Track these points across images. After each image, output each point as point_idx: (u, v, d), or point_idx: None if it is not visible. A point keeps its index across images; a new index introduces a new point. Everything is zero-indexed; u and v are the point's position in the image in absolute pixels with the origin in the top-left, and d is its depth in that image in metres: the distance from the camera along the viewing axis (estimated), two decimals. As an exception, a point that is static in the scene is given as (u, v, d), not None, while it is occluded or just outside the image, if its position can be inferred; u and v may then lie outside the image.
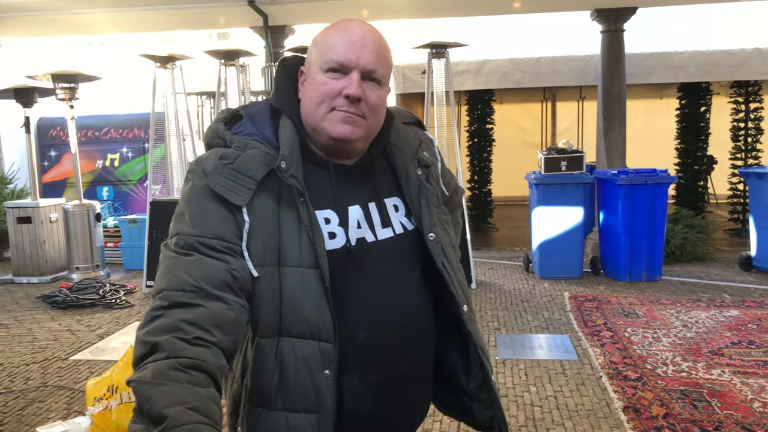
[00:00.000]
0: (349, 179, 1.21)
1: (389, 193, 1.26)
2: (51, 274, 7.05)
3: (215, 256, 1.08)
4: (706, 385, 3.64)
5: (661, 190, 6.01)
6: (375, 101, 1.16)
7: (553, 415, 3.38)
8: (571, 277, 6.30)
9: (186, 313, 1.03)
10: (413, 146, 1.31)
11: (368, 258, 1.19)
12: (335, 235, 1.16)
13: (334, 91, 1.14)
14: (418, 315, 1.23)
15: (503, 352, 4.33)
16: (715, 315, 4.94)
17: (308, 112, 1.17)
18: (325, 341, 1.11)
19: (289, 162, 1.14)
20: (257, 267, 1.11)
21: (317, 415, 1.12)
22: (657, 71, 8.28)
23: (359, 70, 1.14)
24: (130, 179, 9.47)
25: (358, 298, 1.17)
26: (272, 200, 1.13)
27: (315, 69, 1.16)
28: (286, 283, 1.11)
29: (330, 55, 1.14)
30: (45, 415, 3.55)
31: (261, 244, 1.11)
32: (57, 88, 6.64)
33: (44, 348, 4.71)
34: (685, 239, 6.86)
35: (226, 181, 1.11)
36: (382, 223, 1.22)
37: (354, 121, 1.15)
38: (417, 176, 1.27)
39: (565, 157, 6.31)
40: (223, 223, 1.10)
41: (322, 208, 1.17)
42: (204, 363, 1.00)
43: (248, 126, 1.19)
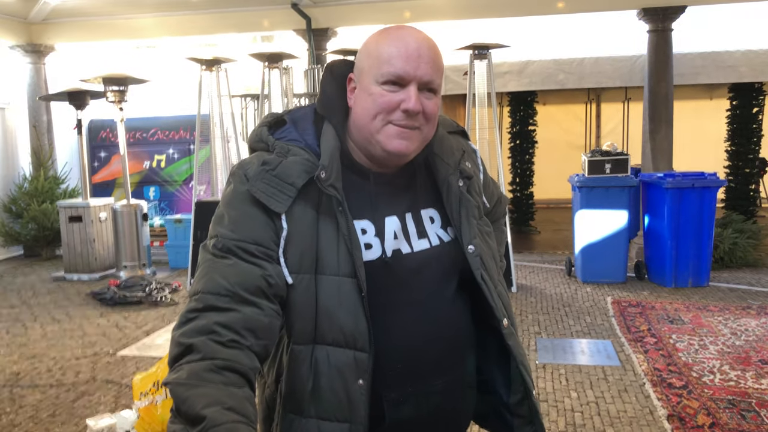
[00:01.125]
0: (388, 189, 1.20)
1: (427, 204, 1.24)
2: (100, 271, 7.28)
3: (252, 261, 1.09)
4: (755, 394, 3.52)
5: (710, 194, 5.84)
6: (431, 111, 1.15)
7: (594, 421, 3.32)
8: (614, 281, 6.18)
9: (220, 317, 1.05)
10: (456, 156, 1.29)
11: (404, 269, 1.18)
12: (371, 246, 1.16)
13: (391, 104, 1.12)
14: (455, 327, 1.22)
15: (543, 356, 4.28)
16: (765, 323, 4.77)
17: (362, 124, 1.15)
18: (360, 350, 1.11)
19: (328, 171, 1.13)
20: (293, 274, 1.11)
21: (349, 424, 1.12)
22: (707, 71, 8.05)
23: (416, 82, 1.12)
24: (176, 180, 9.69)
25: (394, 310, 1.16)
26: (311, 208, 1.13)
27: (369, 80, 1.14)
28: (323, 292, 1.11)
29: (386, 68, 1.12)
30: (94, 407, 3.67)
31: (298, 251, 1.11)
32: (107, 90, 6.85)
33: (93, 343, 4.87)
34: (735, 244, 6.65)
35: (267, 187, 1.11)
36: (419, 234, 1.21)
37: (410, 135, 1.14)
38: (458, 188, 1.25)
39: (609, 160, 6.20)
40: (262, 229, 1.11)
41: (360, 218, 1.16)
42: (238, 365, 1.02)
43: (291, 131, 1.19)
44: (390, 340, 1.14)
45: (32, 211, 8.16)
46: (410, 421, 1.18)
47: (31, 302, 6.22)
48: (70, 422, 3.49)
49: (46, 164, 8.79)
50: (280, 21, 8.25)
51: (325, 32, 8.09)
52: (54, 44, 8.84)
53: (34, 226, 8.29)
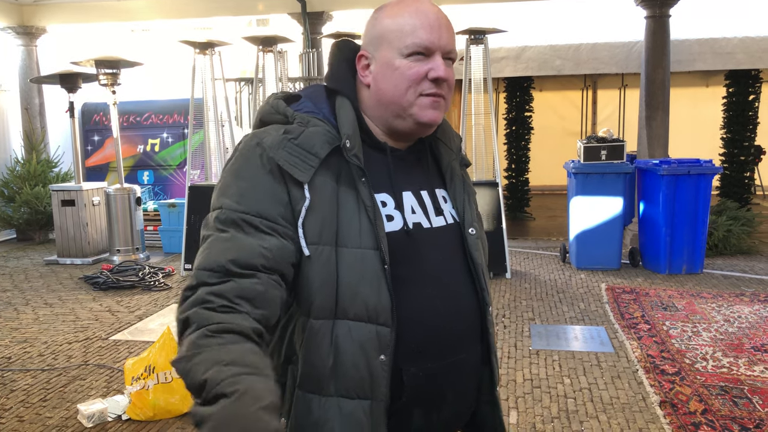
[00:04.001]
0: (403, 164, 1.22)
1: (439, 185, 1.27)
2: (93, 255, 7.25)
3: (252, 234, 1.06)
4: (747, 381, 3.53)
5: (705, 181, 5.83)
6: (451, 78, 1.18)
7: (587, 407, 3.33)
8: (608, 268, 6.18)
9: (212, 288, 1.02)
10: (457, 143, 1.33)
11: (424, 243, 1.18)
12: (392, 218, 1.16)
13: (420, 74, 1.14)
14: (471, 304, 1.22)
15: (537, 342, 4.28)
16: (759, 310, 4.79)
17: (390, 99, 1.16)
18: (383, 325, 1.09)
19: (352, 141, 1.14)
20: (311, 245, 1.09)
21: (371, 401, 1.10)
22: (703, 58, 8.01)
23: (441, 51, 1.15)
24: (170, 164, 9.63)
25: (416, 283, 1.15)
26: (332, 179, 1.12)
27: (391, 54, 1.15)
28: (344, 264, 1.09)
29: (411, 39, 1.13)
30: (86, 392, 3.66)
31: (319, 222, 1.09)
32: (100, 73, 6.77)
33: (86, 327, 4.85)
34: (729, 232, 6.66)
35: (290, 156, 1.10)
36: (436, 211, 1.22)
37: (439, 104, 1.17)
38: (460, 173, 1.30)
39: (605, 146, 6.17)
40: (270, 201, 1.09)
41: (379, 192, 1.16)
42: (234, 325, 0.98)
43: (308, 104, 1.19)
44: (411, 313, 1.13)
45: (24, 195, 8.10)
46: (428, 397, 1.16)
47: (23, 286, 6.18)
48: (61, 407, 3.47)
49: (39, 147, 8.72)
50: (275, 4, 8.16)
51: (320, 16, 8.01)
52: (46, 26, 8.73)
53: (26, 210, 8.23)
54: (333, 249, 1.09)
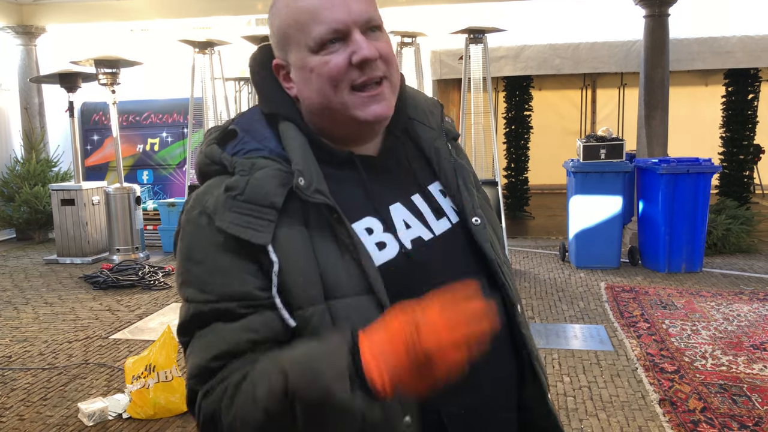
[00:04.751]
0: (378, 173, 1.01)
1: (431, 178, 1.06)
2: (93, 255, 7.25)
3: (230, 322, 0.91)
4: (746, 379, 3.54)
5: (704, 180, 5.84)
6: (386, 51, 0.97)
7: (586, 405, 3.34)
8: (608, 267, 6.19)
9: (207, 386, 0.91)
10: (436, 116, 1.10)
11: (430, 259, 1.00)
12: (384, 244, 0.97)
13: (340, 67, 0.93)
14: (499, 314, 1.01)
15: (537, 341, 4.29)
16: (758, 308, 4.80)
17: (322, 107, 0.97)
18: None
19: (308, 175, 0.93)
20: (298, 311, 0.91)
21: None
22: (702, 57, 8.01)
23: (357, 27, 0.93)
24: (170, 163, 9.63)
25: None
26: (299, 226, 0.92)
27: (301, 54, 0.95)
28: (340, 319, 0.91)
29: (315, 28, 0.93)
30: (86, 391, 3.66)
31: (299, 282, 0.91)
32: (99, 73, 6.78)
33: (86, 327, 4.86)
34: (728, 230, 6.66)
35: (239, 216, 0.90)
36: (435, 214, 1.03)
37: (381, 92, 0.96)
38: (448, 151, 1.07)
39: (604, 145, 6.18)
40: (237, 278, 0.91)
41: (359, 218, 0.97)
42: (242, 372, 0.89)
43: (248, 141, 0.97)
44: None
45: (24, 194, 8.10)
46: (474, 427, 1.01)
47: (23, 285, 6.19)
48: (61, 405, 3.48)
49: (38, 147, 8.72)
50: (274, 3, 8.16)
51: (319, 15, 8.00)
52: (45, 26, 8.73)
53: (26, 209, 8.23)
54: (324, 306, 0.91)
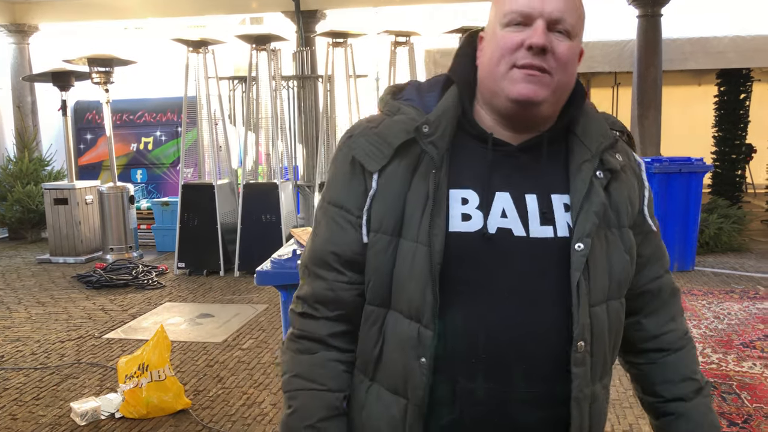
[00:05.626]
0: (509, 161, 1.06)
1: (560, 189, 1.06)
2: (86, 254, 7.24)
3: (332, 226, 1.10)
4: (736, 377, 3.57)
5: (696, 179, 5.87)
6: (563, 53, 1.00)
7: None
8: (600, 266, 6.21)
9: (299, 290, 1.14)
10: (600, 143, 1.08)
11: (510, 252, 1.02)
12: (470, 217, 1.03)
13: (514, 43, 1.00)
14: (549, 331, 1.01)
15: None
16: (748, 307, 4.83)
17: (485, 74, 1.05)
18: (425, 326, 1.01)
19: (433, 127, 1.04)
20: (372, 233, 1.05)
21: (407, 401, 1.04)
22: (695, 57, 8.05)
23: (544, 19, 0.99)
24: (163, 162, 9.62)
25: (483, 293, 1.01)
26: (407, 168, 1.04)
27: (494, 27, 1.04)
28: (400, 256, 1.03)
29: (509, 5, 1.01)
30: (78, 390, 3.66)
31: (382, 210, 1.04)
32: (93, 71, 6.76)
33: (79, 326, 4.85)
34: (720, 229, 6.71)
35: (367, 144, 1.06)
36: (542, 219, 1.03)
37: (538, 78, 0.99)
38: (590, 175, 1.05)
39: (597, 145, 6.20)
40: (348, 191, 1.08)
41: (464, 187, 1.04)
42: (309, 333, 1.11)
43: (411, 92, 1.12)
44: (471, 323, 1.01)
45: (17, 193, 8.08)
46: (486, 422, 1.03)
47: (15, 285, 6.17)
48: (54, 405, 3.48)
49: (31, 146, 8.69)
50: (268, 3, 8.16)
51: (314, 14, 8.01)
52: (38, 24, 8.70)
53: (18, 209, 8.21)
54: (393, 239, 1.04)
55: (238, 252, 6.33)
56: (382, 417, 1.07)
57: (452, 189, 1.04)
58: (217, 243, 6.39)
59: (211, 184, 6.50)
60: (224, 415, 3.34)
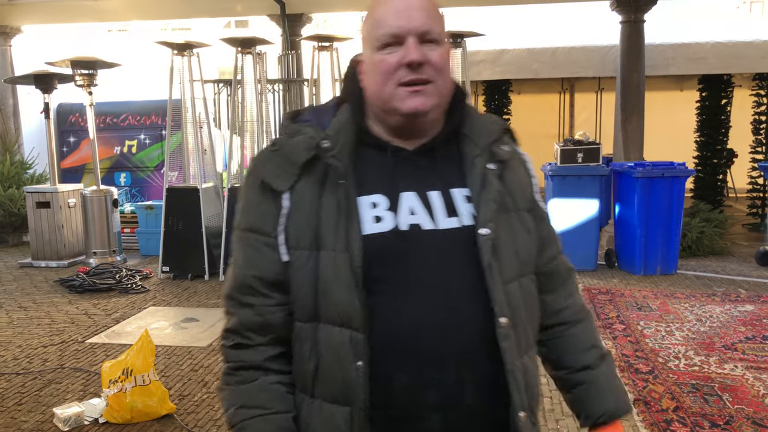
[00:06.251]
0: (408, 164, 1.14)
1: (459, 184, 1.15)
2: (69, 258, 7.16)
3: (249, 252, 1.14)
4: (717, 379, 3.62)
5: (679, 183, 5.94)
6: (437, 60, 1.09)
7: (563, 405, 3.38)
8: (585, 269, 6.26)
9: (227, 324, 1.18)
10: (488, 138, 1.18)
11: (422, 246, 1.09)
12: (381, 218, 1.10)
13: (393, 65, 1.08)
14: (471, 314, 1.08)
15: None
16: (729, 310, 4.89)
17: (375, 97, 1.12)
18: (356, 330, 1.05)
19: (333, 141, 1.11)
20: (291, 250, 1.11)
21: (350, 408, 1.07)
22: (677, 63, 8.16)
23: (414, 35, 1.08)
24: (148, 166, 9.56)
25: (403, 288, 1.08)
26: (316, 184, 1.11)
27: (370, 51, 1.11)
28: (321, 268, 1.08)
29: (380, 30, 1.09)
30: (61, 396, 3.62)
31: (297, 227, 1.10)
32: (76, 74, 6.70)
33: (61, 331, 4.80)
34: (702, 233, 6.79)
35: (273, 167, 1.13)
36: (447, 212, 1.12)
37: (422, 91, 1.09)
38: (483, 167, 1.15)
39: (581, 149, 6.26)
40: (263, 216, 1.13)
41: (372, 193, 1.12)
42: (245, 362, 1.14)
43: (308, 115, 1.20)
44: (392, 319, 1.07)
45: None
46: (422, 411, 1.07)
47: (-3, 290, 6.09)
48: (36, 410, 3.44)
49: (12, 149, 8.59)
50: (253, 6, 8.15)
51: (299, 18, 8.02)
52: (20, 26, 8.61)
53: (0, 212, 8.10)
54: (312, 253, 1.09)
55: (223, 256, 6.30)
56: (326, 429, 1.11)
57: (361, 196, 1.11)
58: (201, 247, 6.35)
59: (195, 188, 6.46)
60: (209, 419, 3.32)
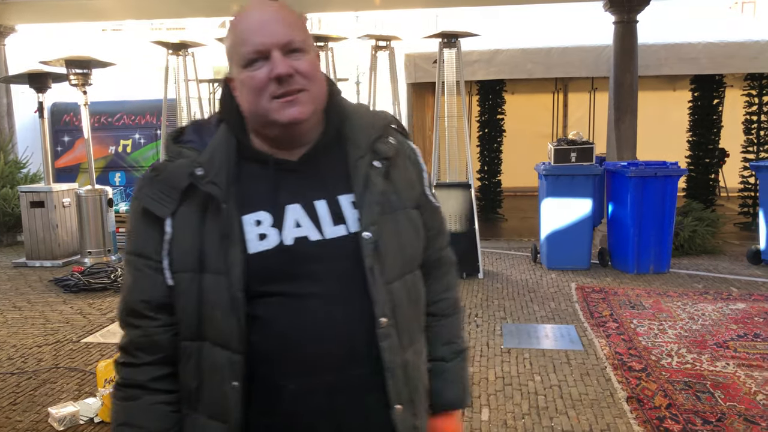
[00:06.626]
0: (293, 176, 1.14)
1: (345, 190, 1.15)
2: (63, 258, 7.15)
3: (137, 275, 1.16)
4: (710, 376, 3.65)
5: (671, 183, 5.99)
6: (305, 68, 1.10)
7: (557, 403, 3.41)
8: (578, 268, 6.30)
9: (120, 341, 1.20)
10: (369, 136, 1.18)
11: (309, 258, 1.10)
12: (266, 236, 1.11)
13: (262, 80, 1.08)
14: (356, 317, 1.11)
15: (509, 341, 4.36)
16: (721, 308, 4.94)
17: (251, 113, 1.12)
18: (235, 351, 1.08)
19: (207, 167, 1.11)
20: (175, 274, 1.12)
21: (227, 426, 1.11)
22: (670, 63, 8.21)
23: (277, 48, 1.08)
24: (142, 165, 9.54)
25: (290, 300, 1.09)
26: (198, 208, 1.11)
27: (237, 70, 1.12)
28: (204, 290, 1.09)
29: (243, 48, 1.09)
30: (56, 395, 3.62)
31: (181, 251, 1.11)
32: (70, 73, 6.69)
33: (56, 330, 4.80)
34: (695, 232, 6.84)
35: (154, 192, 1.13)
36: (334, 220, 1.13)
37: (296, 100, 1.10)
38: (366, 169, 1.15)
39: (575, 149, 6.29)
40: (147, 241, 1.14)
41: (254, 210, 1.12)
42: (131, 380, 1.17)
43: (190, 135, 1.18)
44: (286, 330, 1.09)
45: (-8, 197, 7.95)
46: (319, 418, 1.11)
47: (-9, 289, 6.08)
48: (31, 410, 3.44)
49: (6, 148, 8.56)
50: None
51: (294, 17, 8.01)
52: (14, 25, 8.58)
53: (-7, 212, 8.08)
54: (195, 275, 1.10)
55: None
56: None
57: (244, 215, 1.11)
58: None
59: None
60: (205, 418, 3.33)
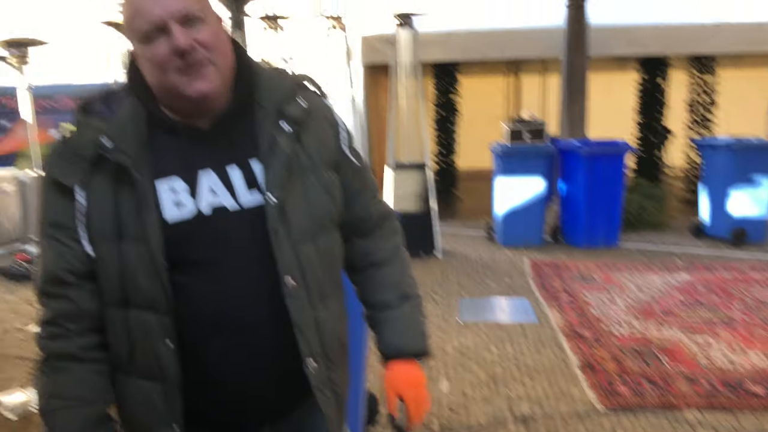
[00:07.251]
0: (203, 143, 1.14)
1: (255, 154, 1.15)
2: (5, 246, 6.90)
3: (53, 245, 1.12)
4: (657, 342, 3.80)
5: (620, 161, 6.15)
6: (206, 39, 1.07)
7: (513, 372, 3.49)
8: (532, 245, 6.43)
9: (42, 316, 1.16)
10: (277, 99, 1.17)
11: (229, 228, 1.12)
12: (183, 204, 1.11)
13: (165, 55, 1.05)
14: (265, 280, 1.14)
15: (466, 315, 4.43)
16: (667, 279, 5.12)
17: (158, 88, 1.10)
18: (163, 314, 1.11)
19: (116, 138, 1.10)
20: (94, 242, 1.11)
21: (162, 383, 1.13)
22: (618, 45, 8.39)
23: (174, 20, 1.05)
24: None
25: (209, 266, 1.12)
26: (111, 178, 1.10)
27: (136, 45, 1.09)
28: (124, 257, 1.10)
29: (138, 23, 1.06)
30: (5, 384, 3.51)
31: (98, 221, 1.10)
32: (8, 54, 6.40)
33: (2, 320, 4.64)
34: (642, 208, 7.05)
35: (63, 163, 1.11)
36: (248, 185, 1.14)
37: (201, 73, 1.07)
38: (271, 133, 1.15)
39: (528, 129, 6.39)
40: (60, 211, 1.12)
41: (167, 176, 1.11)
42: (59, 352, 1.14)
43: (98, 106, 1.15)
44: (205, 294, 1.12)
45: (-72, 184, 7.58)
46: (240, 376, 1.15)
47: (-70, 280, 5.82)
48: (-21, 398, 3.32)
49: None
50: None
51: (245, -3, 7.84)
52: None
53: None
54: (114, 244, 1.10)
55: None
56: (143, 404, 1.16)
57: (157, 180, 1.11)
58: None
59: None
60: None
